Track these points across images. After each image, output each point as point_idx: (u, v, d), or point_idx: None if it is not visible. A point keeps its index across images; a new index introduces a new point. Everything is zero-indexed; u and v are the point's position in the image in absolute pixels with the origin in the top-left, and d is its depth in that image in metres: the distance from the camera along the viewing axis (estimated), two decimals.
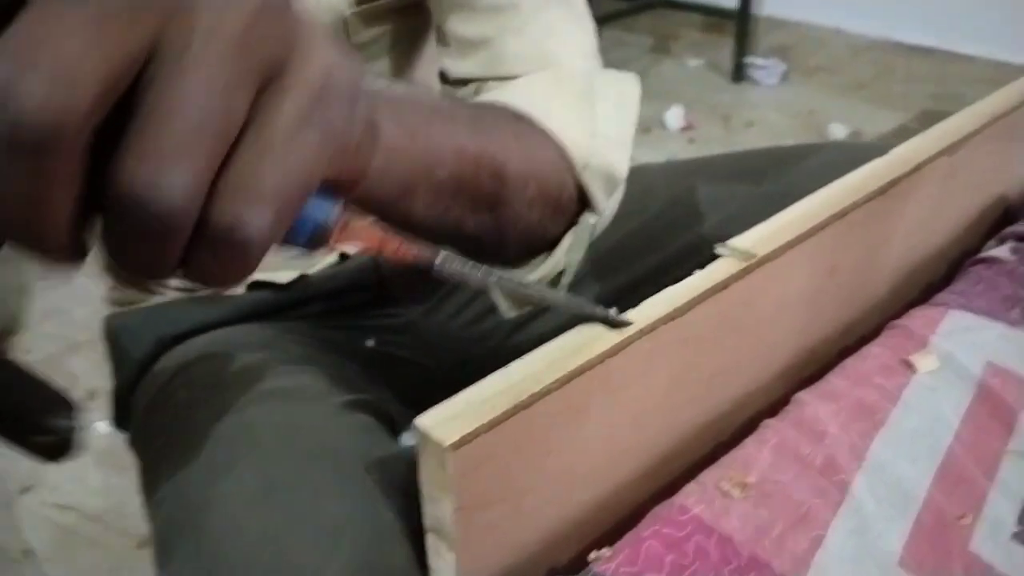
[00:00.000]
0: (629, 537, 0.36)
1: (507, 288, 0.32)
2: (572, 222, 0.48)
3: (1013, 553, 0.37)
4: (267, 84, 0.22)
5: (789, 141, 2.09)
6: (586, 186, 0.47)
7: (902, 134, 2.02)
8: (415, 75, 0.67)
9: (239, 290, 0.68)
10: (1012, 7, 2.08)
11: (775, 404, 0.45)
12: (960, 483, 0.40)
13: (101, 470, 1.24)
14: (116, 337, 0.68)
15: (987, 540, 0.37)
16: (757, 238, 0.39)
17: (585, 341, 0.33)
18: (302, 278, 0.68)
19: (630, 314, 0.34)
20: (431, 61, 0.66)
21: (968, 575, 0.36)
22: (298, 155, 0.22)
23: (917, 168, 0.47)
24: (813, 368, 0.48)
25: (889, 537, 0.37)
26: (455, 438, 0.29)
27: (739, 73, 2.47)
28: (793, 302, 0.43)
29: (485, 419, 0.30)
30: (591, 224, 0.48)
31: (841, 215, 0.42)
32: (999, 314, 0.50)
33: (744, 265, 0.37)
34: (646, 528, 0.36)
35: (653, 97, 2.22)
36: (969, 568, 0.36)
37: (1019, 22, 2.08)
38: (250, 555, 0.39)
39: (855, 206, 0.43)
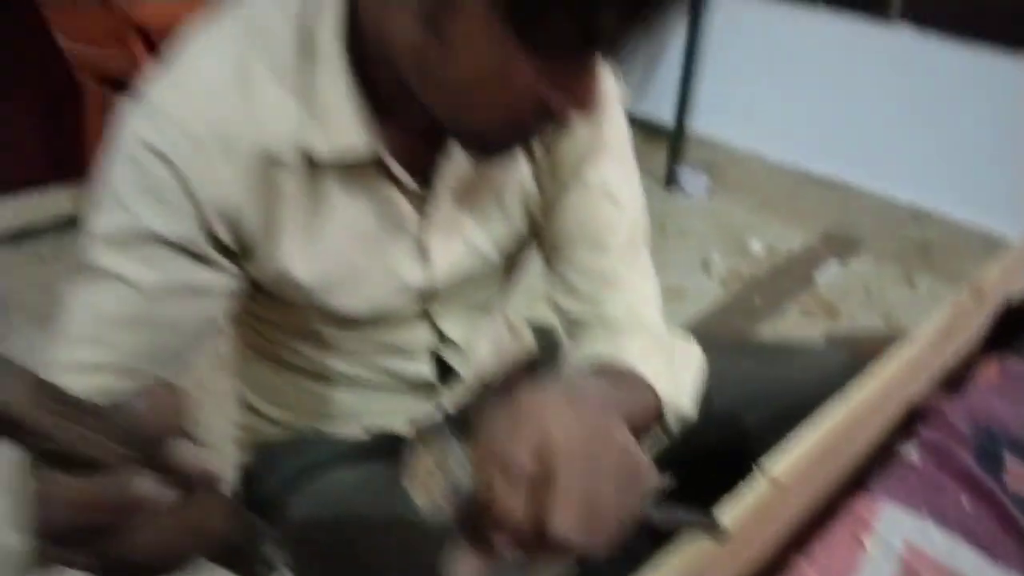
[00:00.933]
0: None
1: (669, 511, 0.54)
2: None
3: None
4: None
5: (715, 252, 2.43)
6: (666, 422, 0.72)
7: (809, 252, 2.39)
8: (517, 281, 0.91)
9: (358, 432, 0.89)
10: (901, 150, 2.48)
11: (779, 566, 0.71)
12: None
13: None
14: (253, 465, 0.89)
15: None
16: (783, 467, 0.65)
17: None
18: (413, 426, 0.90)
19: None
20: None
21: None
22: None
23: (883, 392, 0.75)
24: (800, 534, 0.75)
25: None
26: None
27: (670, 180, 2.81)
28: (799, 493, 0.70)
29: None
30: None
31: (838, 438, 0.69)
32: (912, 505, 0.77)
33: (774, 492, 0.63)
34: None
35: None
36: None
37: (906, 163, 2.48)
38: None
39: (848, 427, 0.69)
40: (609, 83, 0.74)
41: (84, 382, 0.62)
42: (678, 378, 0.74)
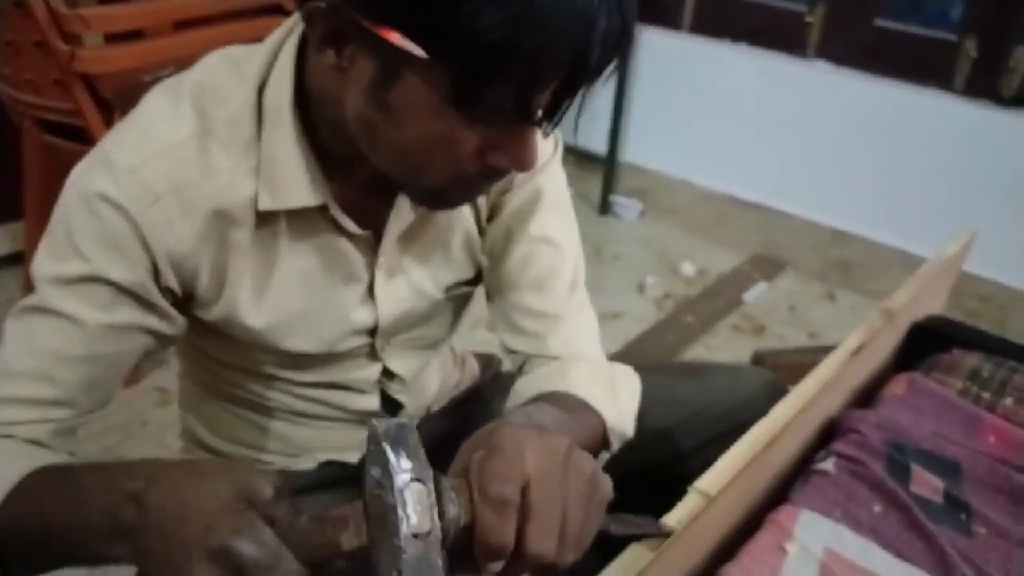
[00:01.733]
0: None
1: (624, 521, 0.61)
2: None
3: None
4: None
5: (649, 275, 2.52)
6: (610, 442, 0.79)
7: (738, 273, 2.50)
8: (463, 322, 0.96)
9: (310, 465, 0.94)
10: (823, 176, 2.62)
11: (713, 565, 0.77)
12: None
13: None
14: None
15: None
16: (712, 480, 0.71)
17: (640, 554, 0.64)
18: (362, 459, 0.95)
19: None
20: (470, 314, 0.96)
21: None
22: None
23: (801, 411, 0.82)
24: (732, 538, 0.82)
25: None
26: None
27: (605, 207, 2.91)
28: (728, 506, 0.77)
29: None
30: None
31: (761, 453, 0.76)
32: (829, 512, 0.85)
33: (705, 504, 0.70)
34: None
35: None
36: None
37: (827, 188, 2.62)
38: None
39: (771, 444, 0.77)
40: (553, 135, 0.80)
41: (25, 415, 0.66)
42: (619, 403, 0.81)
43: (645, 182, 2.95)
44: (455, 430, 1.01)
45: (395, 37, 0.54)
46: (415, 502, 0.46)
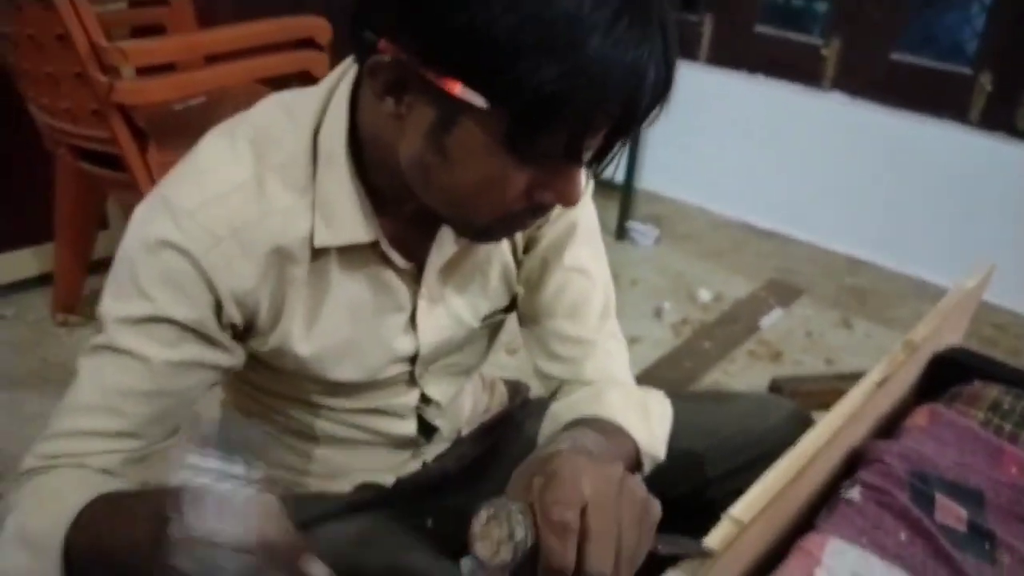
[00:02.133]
0: None
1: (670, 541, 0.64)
2: None
3: None
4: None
5: (665, 301, 2.55)
6: (642, 465, 0.81)
7: (754, 299, 2.51)
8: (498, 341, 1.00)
9: (347, 487, 0.96)
10: (837, 205, 2.65)
11: None
12: None
13: None
14: None
15: None
16: (745, 508, 0.74)
17: None
18: (397, 480, 0.98)
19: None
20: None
21: None
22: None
23: (828, 442, 0.84)
24: (762, 565, 0.84)
25: None
26: None
27: (621, 233, 2.94)
28: (757, 533, 0.79)
29: None
30: None
31: (791, 482, 0.78)
32: (856, 540, 0.87)
33: (738, 531, 0.72)
34: None
35: None
36: None
37: (841, 216, 2.65)
38: None
39: (800, 473, 0.79)
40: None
41: (97, 446, 0.69)
42: (652, 427, 0.83)
43: (662, 209, 2.99)
44: (486, 453, 1.04)
45: (457, 88, 0.58)
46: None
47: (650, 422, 0.84)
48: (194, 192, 0.69)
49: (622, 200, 2.92)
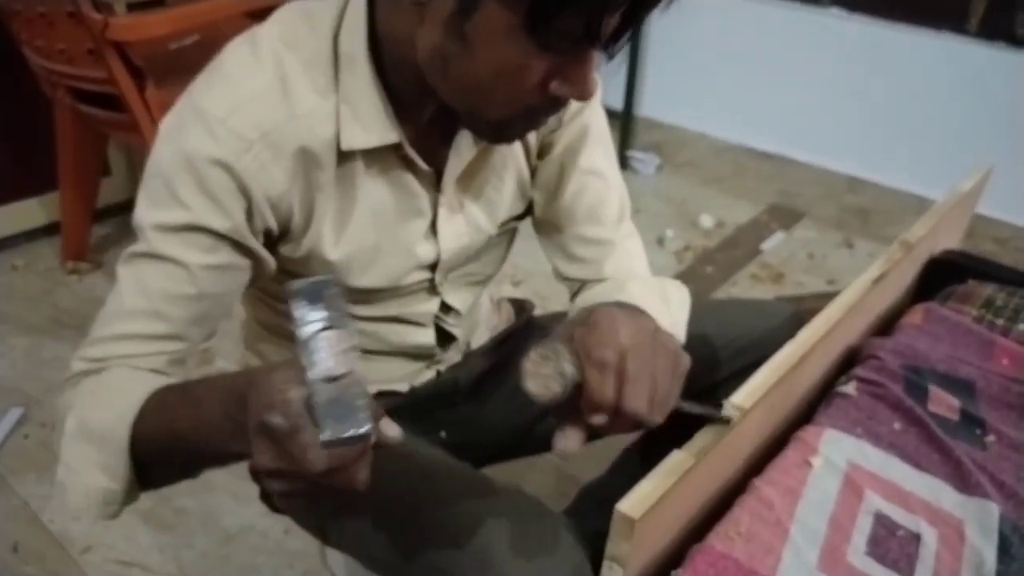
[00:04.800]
0: (689, 562, 0.73)
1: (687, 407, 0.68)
2: None
3: (866, 562, 0.76)
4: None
5: (668, 228, 2.56)
6: None
7: (756, 224, 2.53)
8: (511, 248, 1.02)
9: None
10: (837, 123, 2.64)
11: (744, 481, 0.83)
12: (839, 527, 0.79)
13: (148, 528, 1.48)
14: None
15: (855, 555, 0.77)
16: (745, 396, 0.77)
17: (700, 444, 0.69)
18: (411, 388, 1.01)
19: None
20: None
21: (847, 574, 0.75)
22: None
23: (826, 335, 0.87)
24: (761, 458, 0.87)
25: (810, 557, 0.75)
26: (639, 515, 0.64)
27: (623, 162, 2.94)
28: (757, 422, 0.82)
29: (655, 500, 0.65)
30: None
31: (790, 372, 0.81)
32: (851, 430, 0.90)
33: (739, 417, 0.75)
34: (696, 553, 0.73)
35: None
36: (848, 571, 0.75)
37: (841, 135, 2.64)
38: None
39: (798, 364, 0.82)
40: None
41: (142, 348, 0.72)
42: (672, 311, 0.87)
43: (661, 136, 2.98)
44: (495, 366, 1.07)
45: None
46: (324, 348, 0.50)
47: (670, 306, 0.87)
48: (223, 98, 0.70)
49: (622, 128, 2.91)
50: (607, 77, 2.88)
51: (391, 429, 0.56)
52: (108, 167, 2.40)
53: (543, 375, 0.58)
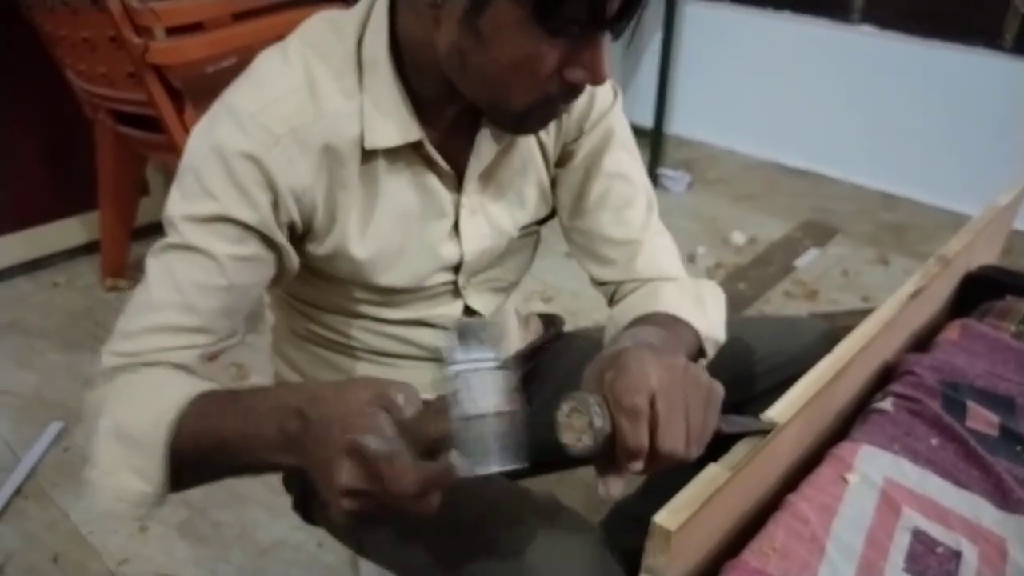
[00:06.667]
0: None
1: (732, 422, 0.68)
2: None
3: None
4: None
5: (700, 246, 2.55)
6: (705, 350, 0.85)
7: (789, 240, 2.51)
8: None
9: None
10: (870, 140, 2.62)
11: (779, 497, 0.82)
12: (876, 544, 0.78)
13: (184, 541, 1.50)
14: None
15: (892, 572, 0.76)
16: (781, 411, 0.76)
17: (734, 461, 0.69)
18: (437, 397, 1.01)
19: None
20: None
21: None
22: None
23: (862, 350, 0.86)
24: (796, 474, 0.86)
25: (846, 573, 0.74)
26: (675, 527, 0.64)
27: (653, 180, 2.94)
28: (793, 437, 0.82)
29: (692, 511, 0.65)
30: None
31: (825, 387, 0.80)
32: (888, 446, 0.89)
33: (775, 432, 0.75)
34: (731, 569, 0.73)
35: None
36: None
37: (875, 152, 2.62)
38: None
39: (834, 379, 0.81)
40: (611, 84, 0.89)
41: (173, 341, 0.73)
42: (708, 313, 0.88)
43: (692, 153, 2.98)
44: (523, 378, 1.07)
45: None
46: (471, 387, 0.53)
47: (705, 308, 0.88)
48: (254, 96, 0.73)
49: (652, 146, 2.92)
50: (637, 95, 2.90)
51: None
52: (147, 187, 2.45)
53: (576, 428, 0.59)
